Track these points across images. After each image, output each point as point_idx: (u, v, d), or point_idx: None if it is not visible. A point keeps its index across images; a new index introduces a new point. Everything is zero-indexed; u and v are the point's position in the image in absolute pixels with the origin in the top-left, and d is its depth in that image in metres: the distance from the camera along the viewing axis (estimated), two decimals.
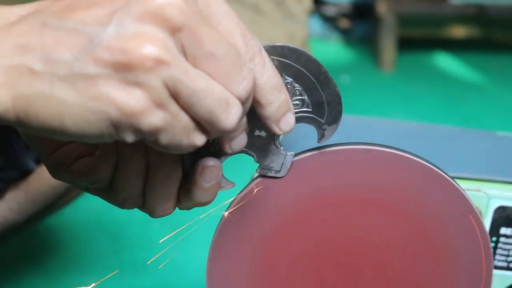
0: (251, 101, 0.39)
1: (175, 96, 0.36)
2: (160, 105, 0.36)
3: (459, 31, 2.20)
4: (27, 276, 0.98)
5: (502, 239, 0.56)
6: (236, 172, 0.52)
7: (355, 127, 0.48)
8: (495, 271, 0.57)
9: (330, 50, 2.28)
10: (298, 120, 0.44)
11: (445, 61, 2.18)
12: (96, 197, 0.45)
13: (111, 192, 0.43)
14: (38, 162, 0.79)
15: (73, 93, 0.35)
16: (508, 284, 0.57)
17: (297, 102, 0.44)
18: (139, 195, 0.43)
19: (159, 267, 0.49)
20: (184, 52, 0.36)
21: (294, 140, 0.49)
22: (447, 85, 1.96)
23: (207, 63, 0.37)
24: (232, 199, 0.47)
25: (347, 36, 2.39)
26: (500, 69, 2.10)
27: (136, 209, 0.45)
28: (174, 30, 0.36)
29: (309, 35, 1.84)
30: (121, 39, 0.35)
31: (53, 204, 0.83)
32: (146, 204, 0.44)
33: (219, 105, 0.37)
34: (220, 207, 0.47)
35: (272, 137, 0.45)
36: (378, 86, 1.97)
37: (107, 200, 0.44)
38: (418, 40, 2.24)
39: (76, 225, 1.10)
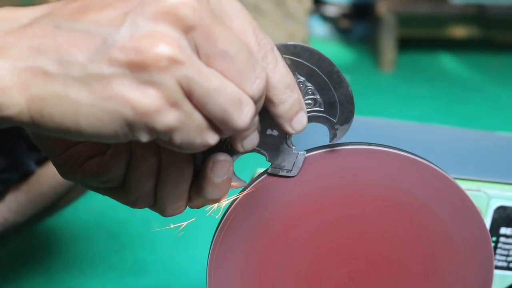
0: (264, 100, 0.40)
1: (189, 95, 0.36)
2: (174, 105, 0.36)
3: (459, 31, 2.21)
4: (27, 276, 0.98)
5: (502, 239, 0.56)
6: (240, 171, 0.52)
7: (355, 127, 0.48)
8: (495, 271, 0.57)
9: (330, 50, 2.28)
10: (310, 119, 0.44)
11: (445, 61, 2.18)
12: (96, 197, 0.45)
13: (122, 191, 0.43)
14: (38, 163, 0.79)
15: (87, 94, 0.35)
16: (508, 284, 0.57)
17: (310, 101, 0.44)
18: (150, 194, 0.43)
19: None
20: (197, 51, 0.37)
21: (306, 139, 0.49)
22: (447, 85, 1.96)
23: (220, 62, 0.37)
24: (234, 196, 0.47)
25: (347, 36, 2.40)
26: (500, 69, 2.10)
27: (136, 208, 0.45)
28: (187, 29, 0.36)
29: (309, 35, 1.84)
30: (135, 39, 0.35)
31: (54, 205, 0.84)
32: (157, 203, 0.44)
33: (232, 104, 0.37)
34: (219, 206, 0.47)
35: (284, 136, 0.45)
36: (378, 86, 1.97)
37: (118, 200, 0.44)
38: (418, 40, 2.24)
39: (76, 225, 1.10)
